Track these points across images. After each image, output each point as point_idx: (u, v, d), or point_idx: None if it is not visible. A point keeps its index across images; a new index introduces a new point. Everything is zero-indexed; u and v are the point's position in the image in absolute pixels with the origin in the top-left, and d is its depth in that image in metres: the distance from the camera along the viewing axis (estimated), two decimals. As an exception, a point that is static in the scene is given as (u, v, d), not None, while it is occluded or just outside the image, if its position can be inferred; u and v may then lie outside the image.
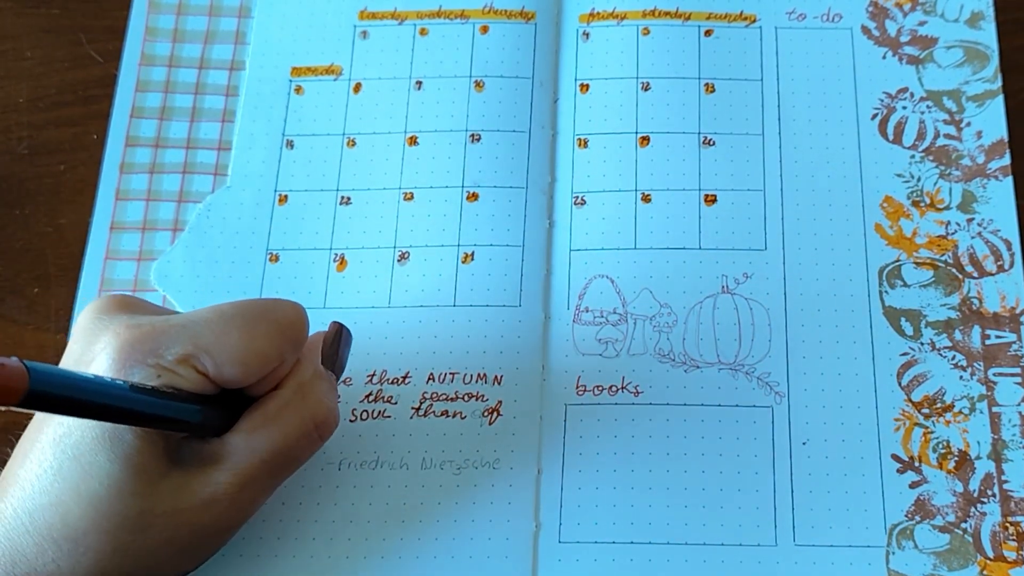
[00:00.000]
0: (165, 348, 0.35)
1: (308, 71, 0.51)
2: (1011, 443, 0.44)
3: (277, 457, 0.37)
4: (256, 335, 0.36)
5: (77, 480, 0.34)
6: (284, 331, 0.37)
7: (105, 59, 0.52)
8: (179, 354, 0.35)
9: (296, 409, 0.38)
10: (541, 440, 0.44)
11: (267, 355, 0.37)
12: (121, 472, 0.34)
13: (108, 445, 0.34)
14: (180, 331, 0.36)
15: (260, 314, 0.37)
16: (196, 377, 0.35)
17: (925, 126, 0.49)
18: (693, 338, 0.46)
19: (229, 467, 0.36)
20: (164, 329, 0.36)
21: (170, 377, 0.35)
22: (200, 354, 0.35)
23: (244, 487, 0.37)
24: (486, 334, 0.46)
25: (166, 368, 0.35)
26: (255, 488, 0.37)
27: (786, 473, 0.44)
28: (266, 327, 0.37)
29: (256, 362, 0.36)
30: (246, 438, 0.37)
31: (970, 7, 0.51)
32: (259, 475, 0.37)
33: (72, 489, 0.34)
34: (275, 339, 0.37)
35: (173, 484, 0.36)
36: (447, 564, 0.42)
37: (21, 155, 0.50)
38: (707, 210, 0.48)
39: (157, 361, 0.35)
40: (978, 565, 0.42)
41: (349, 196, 0.49)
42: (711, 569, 0.42)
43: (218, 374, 0.36)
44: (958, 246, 0.47)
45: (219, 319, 0.36)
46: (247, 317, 0.37)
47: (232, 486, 0.36)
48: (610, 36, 0.51)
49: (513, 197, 0.48)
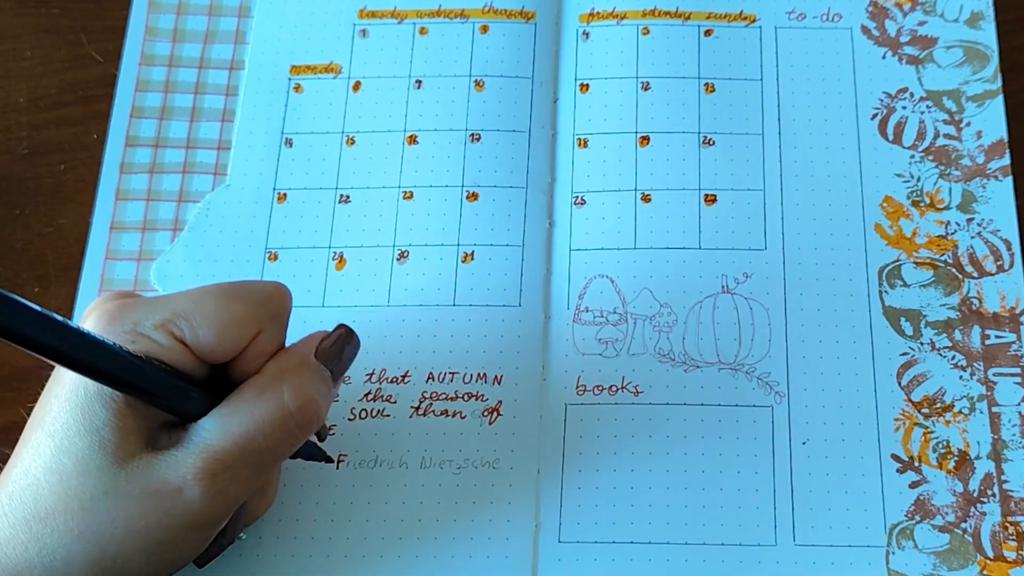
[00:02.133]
0: (143, 316, 0.35)
1: (307, 69, 0.51)
2: (1011, 443, 0.44)
3: (250, 443, 0.35)
4: (232, 302, 0.36)
5: (48, 457, 0.34)
6: (262, 301, 0.37)
7: (105, 59, 0.52)
8: (156, 320, 0.35)
9: (273, 395, 0.36)
10: (541, 440, 0.44)
11: (243, 321, 0.36)
12: (89, 447, 0.34)
13: (81, 419, 0.34)
14: (159, 302, 0.36)
15: (239, 286, 0.37)
16: (172, 343, 0.35)
17: (925, 126, 0.49)
18: (693, 338, 0.46)
19: (199, 450, 0.35)
20: (144, 301, 0.36)
21: (146, 343, 0.35)
22: (177, 319, 0.35)
23: (214, 474, 0.35)
24: (486, 334, 0.46)
25: (141, 334, 0.35)
26: (226, 477, 0.35)
27: (786, 473, 0.44)
28: (244, 295, 0.37)
29: (232, 328, 0.36)
30: (218, 421, 0.35)
31: (970, 7, 0.51)
32: (231, 462, 0.35)
33: (44, 466, 0.34)
34: (252, 307, 0.37)
35: (141, 466, 0.35)
36: (447, 564, 0.42)
37: (21, 155, 0.50)
38: (707, 210, 0.48)
39: (133, 327, 0.35)
40: (978, 565, 0.42)
41: (348, 195, 0.49)
42: (711, 569, 0.42)
43: (194, 339, 0.35)
44: (958, 246, 0.47)
45: (198, 291, 0.37)
46: (227, 287, 0.37)
47: (201, 471, 0.35)
48: (610, 36, 0.51)
49: (513, 197, 0.48)
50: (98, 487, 0.34)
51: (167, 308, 0.36)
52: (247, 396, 0.36)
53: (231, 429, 0.35)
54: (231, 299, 0.36)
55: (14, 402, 0.46)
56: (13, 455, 0.36)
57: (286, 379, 0.36)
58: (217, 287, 0.37)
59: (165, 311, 0.36)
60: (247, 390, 0.36)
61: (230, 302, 0.36)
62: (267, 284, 0.38)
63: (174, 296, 0.37)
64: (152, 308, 0.36)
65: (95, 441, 0.34)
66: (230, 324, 0.36)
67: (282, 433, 0.36)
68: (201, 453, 0.35)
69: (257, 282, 0.39)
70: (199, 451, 0.35)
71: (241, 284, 0.38)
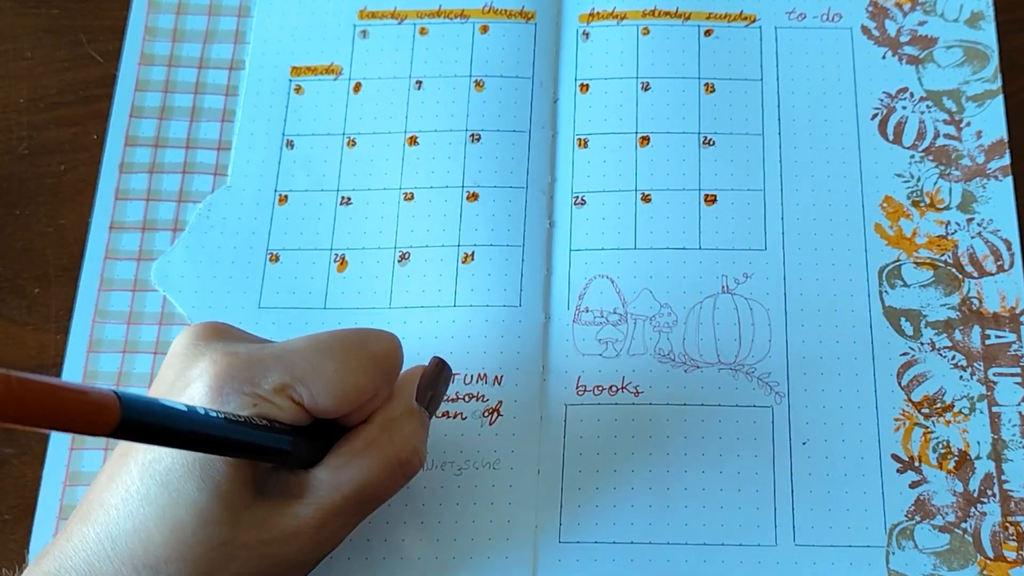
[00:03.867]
0: (261, 377, 0.35)
1: (308, 71, 0.51)
2: (1011, 443, 0.44)
3: (360, 494, 0.37)
4: (352, 367, 0.36)
5: (163, 507, 0.34)
6: (379, 364, 0.37)
7: (105, 59, 0.52)
8: (275, 383, 0.35)
9: (382, 447, 0.37)
10: (541, 440, 0.44)
11: (362, 388, 0.36)
12: (208, 501, 0.34)
13: (197, 473, 0.34)
14: (276, 360, 0.36)
15: (356, 345, 0.37)
16: (291, 407, 0.35)
17: (925, 126, 0.49)
18: (693, 338, 0.46)
19: (312, 501, 0.36)
20: (260, 358, 0.36)
21: (265, 407, 0.35)
22: (296, 384, 0.35)
23: (325, 522, 0.36)
24: (486, 334, 0.46)
25: (262, 397, 0.35)
26: (336, 523, 0.37)
27: (786, 473, 0.44)
28: (362, 359, 0.37)
29: (350, 394, 0.36)
30: (331, 473, 0.36)
31: (970, 7, 0.51)
32: (341, 511, 0.37)
33: (157, 516, 0.34)
34: (370, 372, 0.37)
35: (257, 515, 0.35)
36: (447, 564, 0.42)
37: (21, 155, 0.50)
38: (707, 210, 0.48)
39: (253, 390, 0.35)
40: (978, 565, 0.42)
41: (349, 196, 0.49)
42: (711, 569, 0.42)
43: (312, 404, 0.36)
44: (958, 246, 0.47)
45: (315, 349, 0.36)
46: (343, 348, 0.37)
47: (314, 520, 0.36)
48: (610, 36, 0.51)
49: (513, 197, 0.48)
50: (215, 539, 0.34)
51: (286, 370, 0.35)
52: (357, 448, 0.37)
53: (343, 482, 0.36)
54: (350, 367, 0.36)
55: (15, 403, 0.46)
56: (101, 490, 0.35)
57: (394, 431, 0.37)
58: (334, 343, 0.37)
59: (284, 373, 0.35)
60: (357, 442, 0.37)
61: (349, 371, 0.36)
62: (383, 341, 0.38)
63: (290, 352, 0.36)
64: (269, 367, 0.35)
65: (215, 496, 0.34)
66: (348, 393, 0.36)
67: (390, 482, 0.38)
68: (314, 504, 0.36)
69: (373, 337, 0.38)
70: (313, 502, 0.36)
71: (359, 341, 0.38)
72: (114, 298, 0.47)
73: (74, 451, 0.45)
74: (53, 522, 0.44)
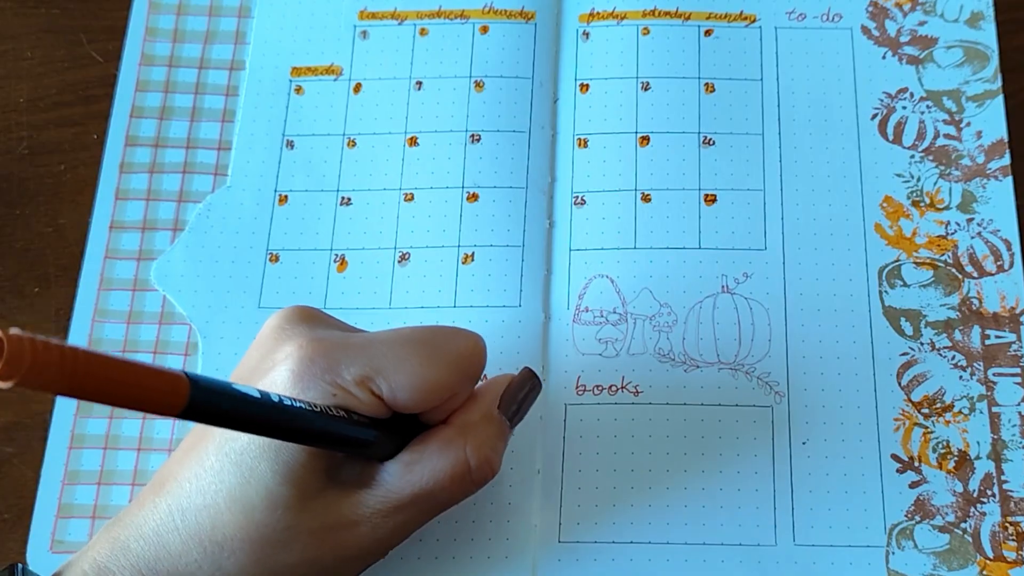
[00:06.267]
0: (344, 367, 0.35)
1: (308, 71, 0.51)
2: (1011, 443, 0.44)
3: (427, 493, 0.37)
4: (434, 364, 0.36)
5: (234, 486, 0.34)
6: (461, 363, 0.37)
7: (105, 59, 0.52)
8: (356, 375, 0.35)
9: (456, 450, 0.37)
10: (541, 440, 0.44)
11: (442, 385, 0.36)
12: (279, 485, 0.34)
13: (272, 456, 0.34)
14: (360, 351, 0.36)
15: (441, 343, 0.37)
16: (370, 399, 0.35)
17: (925, 126, 0.49)
18: (693, 338, 0.46)
19: (379, 493, 0.36)
20: (345, 347, 0.36)
21: (344, 397, 0.35)
22: (377, 377, 0.35)
23: (389, 516, 0.36)
24: (486, 334, 0.45)
25: (342, 387, 0.35)
26: (398, 519, 0.37)
27: (786, 473, 0.44)
28: (444, 357, 0.37)
29: (431, 391, 0.36)
30: (402, 468, 0.36)
31: (970, 7, 0.51)
32: (406, 507, 0.37)
33: (228, 494, 0.34)
34: (452, 370, 0.37)
35: (325, 502, 0.35)
36: (447, 564, 0.42)
37: (21, 155, 0.50)
38: (707, 210, 0.48)
39: (334, 379, 0.35)
40: (978, 565, 0.42)
41: (349, 197, 0.49)
42: (711, 569, 0.42)
43: (392, 399, 0.36)
44: (958, 246, 0.47)
45: (400, 343, 0.36)
46: (427, 344, 0.37)
47: (378, 513, 0.36)
48: (610, 36, 0.51)
49: (513, 197, 0.48)
50: (281, 522, 0.35)
51: (367, 362, 0.35)
52: (432, 449, 0.37)
53: (413, 479, 0.36)
54: (432, 363, 0.36)
55: (15, 401, 0.46)
56: (176, 463, 0.36)
57: (470, 435, 0.37)
58: (418, 338, 0.37)
59: (365, 365, 0.35)
60: (432, 442, 0.37)
61: (431, 367, 0.36)
62: (467, 341, 0.38)
63: (373, 344, 0.36)
64: (353, 358, 0.35)
65: (287, 480, 0.34)
66: (428, 390, 0.36)
67: (459, 487, 0.37)
68: (382, 496, 0.36)
69: (458, 336, 0.38)
70: (381, 494, 0.36)
71: (444, 339, 0.37)
72: (114, 298, 0.47)
73: (72, 450, 0.45)
74: (51, 521, 0.44)
